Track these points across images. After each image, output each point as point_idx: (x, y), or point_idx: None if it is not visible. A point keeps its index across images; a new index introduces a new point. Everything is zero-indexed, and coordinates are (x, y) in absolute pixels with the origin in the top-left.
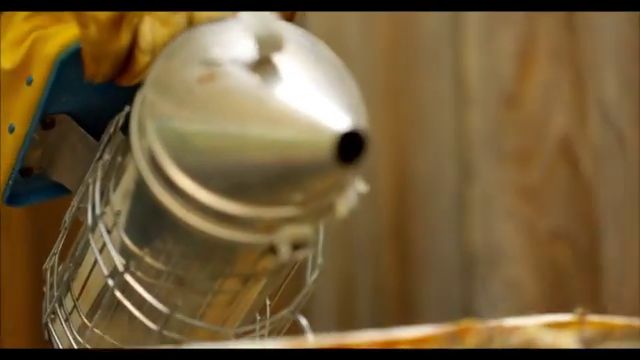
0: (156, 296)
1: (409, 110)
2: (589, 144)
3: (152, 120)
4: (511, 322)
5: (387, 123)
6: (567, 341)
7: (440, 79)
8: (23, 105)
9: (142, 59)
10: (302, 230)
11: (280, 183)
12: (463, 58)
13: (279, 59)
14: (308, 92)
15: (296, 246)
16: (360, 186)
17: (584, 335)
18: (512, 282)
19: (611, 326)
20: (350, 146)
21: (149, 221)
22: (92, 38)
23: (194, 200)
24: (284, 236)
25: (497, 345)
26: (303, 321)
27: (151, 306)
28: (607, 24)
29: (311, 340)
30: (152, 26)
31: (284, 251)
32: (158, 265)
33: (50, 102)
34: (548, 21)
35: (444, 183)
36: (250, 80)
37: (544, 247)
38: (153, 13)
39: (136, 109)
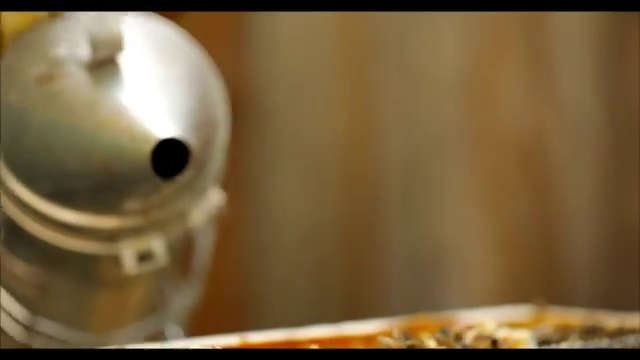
0: (24, 303)
1: (367, 107)
2: (558, 139)
3: None
4: (466, 316)
5: (345, 119)
6: (522, 336)
7: (394, 76)
8: None
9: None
10: (147, 241)
11: (104, 191)
12: (419, 51)
13: (126, 58)
14: (140, 97)
15: (142, 257)
16: (216, 197)
17: (540, 331)
18: (471, 274)
19: (567, 324)
20: (176, 154)
21: (5, 225)
22: None
23: (27, 205)
24: (127, 247)
25: (451, 339)
26: (173, 331)
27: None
28: (575, 21)
29: (258, 336)
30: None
31: (128, 262)
32: (21, 270)
33: None
34: (515, 17)
35: (396, 177)
36: (86, 82)
37: (504, 239)
38: None
39: None
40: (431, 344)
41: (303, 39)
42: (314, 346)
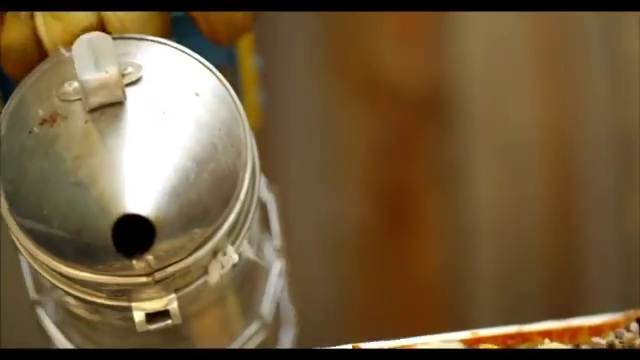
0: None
1: (567, 100)
2: None
3: None
4: None
5: (545, 113)
6: None
7: (597, 67)
8: None
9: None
10: (159, 300)
11: (84, 255)
12: (622, 44)
13: (131, 100)
14: (126, 155)
15: (157, 315)
16: (233, 255)
17: None
18: None
19: None
20: (142, 229)
21: None
22: None
23: (32, 255)
24: (137, 305)
25: None
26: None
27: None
28: None
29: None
30: (44, 21)
31: (138, 320)
32: (75, 303)
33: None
34: None
35: (604, 171)
36: (81, 129)
37: None
38: None
39: None
40: None
41: (497, 31)
42: (546, 340)
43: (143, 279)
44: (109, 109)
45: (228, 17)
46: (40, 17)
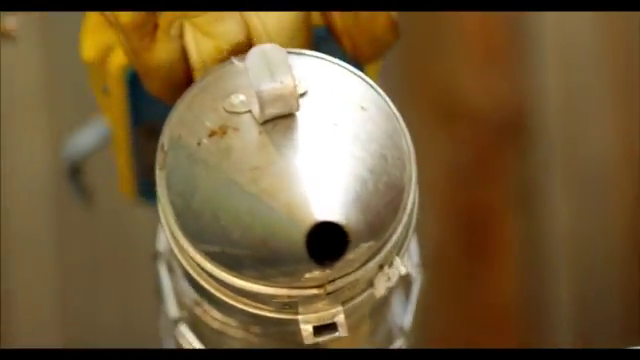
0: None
1: None
2: None
3: (162, 171)
4: None
5: (624, 137)
6: None
7: None
8: (110, 111)
9: (196, 77)
10: (328, 312)
11: (266, 264)
12: None
13: (303, 113)
14: (308, 164)
15: (323, 327)
16: (401, 267)
17: None
18: None
19: None
20: (339, 236)
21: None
22: (124, 48)
23: (203, 268)
24: (305, 317)
25: None
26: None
27: None
28: None
29: None
30: (194, 39)
31: (306, 332)
32: (221, 319)
33: (142, 110)
34: None
35: None
36: (256, 141)
37: None
38: (192, 20)
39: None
40: None
41: (576, 54)
42: None
43: (315, 291)
44: (281, 120)
45: (371, 33)
46: (190, 34)
